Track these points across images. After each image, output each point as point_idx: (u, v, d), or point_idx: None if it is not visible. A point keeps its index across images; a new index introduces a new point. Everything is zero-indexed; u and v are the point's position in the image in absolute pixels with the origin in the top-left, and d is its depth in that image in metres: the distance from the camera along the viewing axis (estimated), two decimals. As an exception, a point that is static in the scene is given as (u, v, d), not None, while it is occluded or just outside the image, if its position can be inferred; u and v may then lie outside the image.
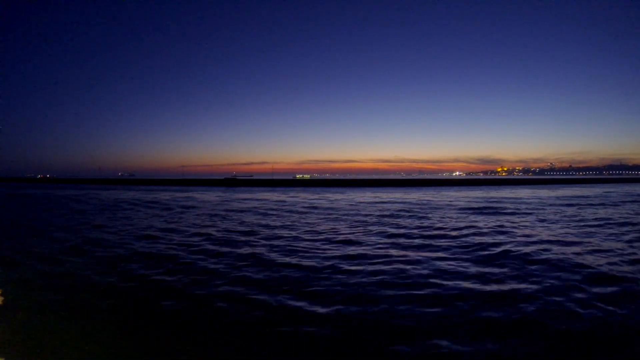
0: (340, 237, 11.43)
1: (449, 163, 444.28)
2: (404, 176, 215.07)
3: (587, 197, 30.52)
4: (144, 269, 7.86)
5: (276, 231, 12.70)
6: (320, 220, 15.55)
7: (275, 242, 10.68)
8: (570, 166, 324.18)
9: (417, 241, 10.63)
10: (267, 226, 13.91)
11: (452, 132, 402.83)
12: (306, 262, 8.27)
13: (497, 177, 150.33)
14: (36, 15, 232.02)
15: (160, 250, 9.61)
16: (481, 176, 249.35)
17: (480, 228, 12.91)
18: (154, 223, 15.02)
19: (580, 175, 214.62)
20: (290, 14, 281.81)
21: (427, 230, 12.58)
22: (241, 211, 19.79)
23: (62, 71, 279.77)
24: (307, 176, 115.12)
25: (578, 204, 23.10)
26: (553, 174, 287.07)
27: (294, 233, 12.21)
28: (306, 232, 12.59)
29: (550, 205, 22.65)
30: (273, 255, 8.98)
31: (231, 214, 18.45)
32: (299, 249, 9.78)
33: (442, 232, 12.25)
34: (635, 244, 10.05)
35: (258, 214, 18.13)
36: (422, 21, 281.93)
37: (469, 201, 25.96)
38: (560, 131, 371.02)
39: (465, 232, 12.14)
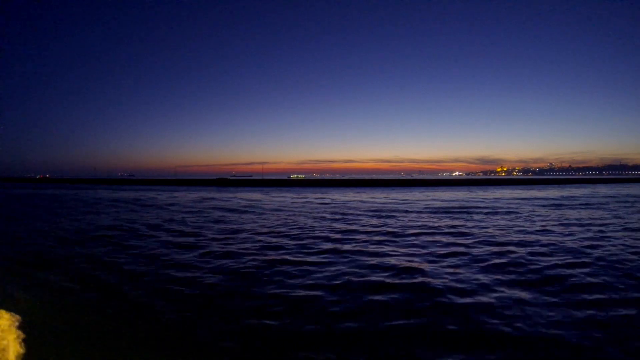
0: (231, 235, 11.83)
1: (449, 163, 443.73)
2: (403, 176, 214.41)
3: (575, 197, 30.02)
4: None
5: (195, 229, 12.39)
6: (250, 219, 15.33)
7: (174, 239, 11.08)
8: (569, 166, 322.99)
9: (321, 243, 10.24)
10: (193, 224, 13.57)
11: (452, 132, 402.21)
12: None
13: (495, 177, 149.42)
14: (36, 16, 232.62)
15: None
16: (481, 176, 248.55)
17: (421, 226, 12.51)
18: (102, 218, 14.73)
19: (579, 176, 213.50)
20: (291, 14, 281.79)
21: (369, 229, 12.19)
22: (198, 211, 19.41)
23: (62, 71, 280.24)
24: (301, 176, 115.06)
25: (560, 204, 22.62)
26: (552, 174, 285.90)
27: (203, 231, 12.17)
28: (218, 230, 12.83)
29: (524, 205, 22.19)
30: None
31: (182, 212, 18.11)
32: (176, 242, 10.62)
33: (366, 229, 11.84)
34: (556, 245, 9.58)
35: (217, 212, 17.78)
36: (422, 21, 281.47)
37: (445, 201, 25.52)
38: (560, 131, 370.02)
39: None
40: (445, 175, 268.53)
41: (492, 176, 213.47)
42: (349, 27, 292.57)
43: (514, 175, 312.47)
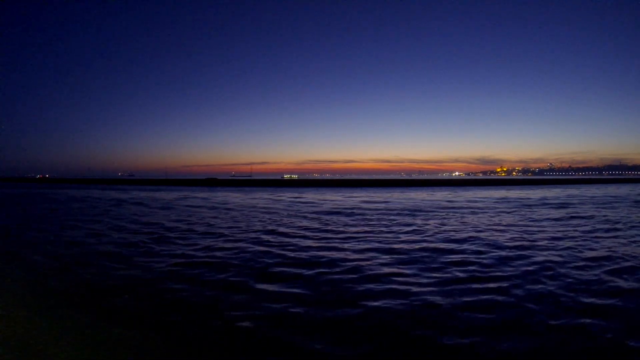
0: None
1: (449, 163, 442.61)
2: (403, 176, 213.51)
3: (557, 197, 29.17)
4: None
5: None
6: (206, 217, 14.52)
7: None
8: (569, 166, 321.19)
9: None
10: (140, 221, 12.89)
11: (453, 132, 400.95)
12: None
13: (494, 177, 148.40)
14: (36, 16, 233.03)
15: None
16: (480, 176, 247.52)
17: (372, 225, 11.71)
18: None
19: (579, 176, 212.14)
20: (291, 14, 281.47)
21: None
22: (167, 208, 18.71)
23: (62, 71, 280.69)
24: (294, 176, 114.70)
25: (534, 205, 21.78)
26: (552, 174, 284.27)
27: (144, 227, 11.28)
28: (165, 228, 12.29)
29: (499, 206, 21.35)
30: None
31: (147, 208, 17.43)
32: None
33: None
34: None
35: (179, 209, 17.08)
36: (422, 21, 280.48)
37: (416, 202, 24.72)
38: (560, 131, 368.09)
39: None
40: (445, 176, 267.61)
41: (492, 176, 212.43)
42: (349, 28, 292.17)
43: (514, 175, 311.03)
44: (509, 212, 17.91)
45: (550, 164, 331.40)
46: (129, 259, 8.21)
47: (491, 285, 6.24)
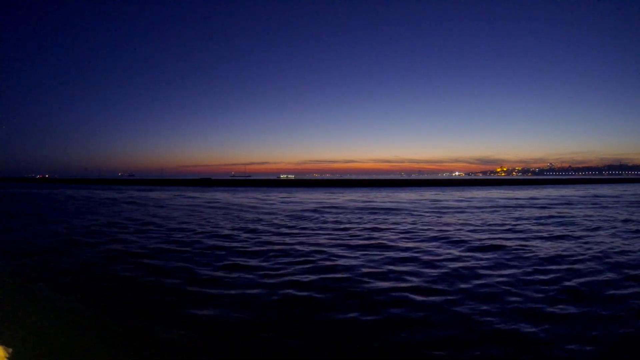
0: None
1: (449, 163, 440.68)
2: (403, 176, 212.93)
3: (537, 198, 29.20)
4: None
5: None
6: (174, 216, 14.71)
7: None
8: (569, 166, 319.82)
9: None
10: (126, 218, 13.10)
11: (453, 132, 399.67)
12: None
13: (492, 177, 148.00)
14: (36, 16, 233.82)
15: None
16: (480, 176, 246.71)
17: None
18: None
19: (578, 176, 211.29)
20: (291, 15, 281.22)
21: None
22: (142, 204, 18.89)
23: (62, 71, 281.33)
24: (291, 176, 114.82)
25: (515, 206, 21.83)
26: (552, 174, 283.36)
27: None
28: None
29: (474, 206, 21.40)
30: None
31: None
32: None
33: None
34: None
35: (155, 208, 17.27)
36: (422, 22, 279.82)
37: (396, 202, 24.79)
38: (560, 131, 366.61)
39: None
40: (445, 176, 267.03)
41: (491, 176, 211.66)
42: (349, 28, 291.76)
43: (514, 175, 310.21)
44: (477, 212, 17.98)
45: (550, 164, 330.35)
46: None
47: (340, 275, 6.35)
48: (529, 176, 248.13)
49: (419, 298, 5.64)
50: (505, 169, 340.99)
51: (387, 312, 5.11)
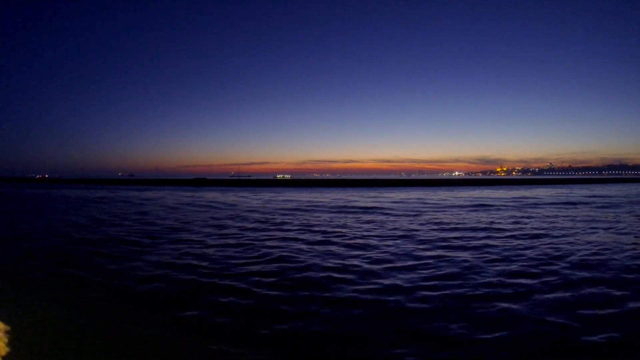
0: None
1: (449, 163, 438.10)
2: (403, 176, 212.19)
3: (526, 198, 28.90)
4: None
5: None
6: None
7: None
8: (569, 166, 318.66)
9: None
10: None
11: (453, 132, 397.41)
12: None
13: (489, 177, 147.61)
14: (36, 15, 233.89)
15: None
16: (480, 176, 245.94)
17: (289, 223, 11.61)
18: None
19: (578, 175, 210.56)
20: (291, 14, 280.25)
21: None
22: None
23: (62, 71, 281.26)
24: (287, 176, 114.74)
25: (494, 206, 21.55)
26: (551, 174, 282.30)
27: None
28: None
29: (454, 206, 21.12)
30: None
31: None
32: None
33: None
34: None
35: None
36: (422, 22, 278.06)
37: (379, 201, 24.53)
38: (561, 131, 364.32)
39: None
40: (445, 175, 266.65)
41: (491, 176, 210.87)
42: (349, 28, 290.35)
43: (513, 175, 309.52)
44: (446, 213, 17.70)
45: (550, 163, 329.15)
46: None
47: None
48: (529, 176, 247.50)
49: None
50: (505, 169, 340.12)
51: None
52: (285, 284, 6.31)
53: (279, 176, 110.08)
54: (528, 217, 15.63)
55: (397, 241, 10.16)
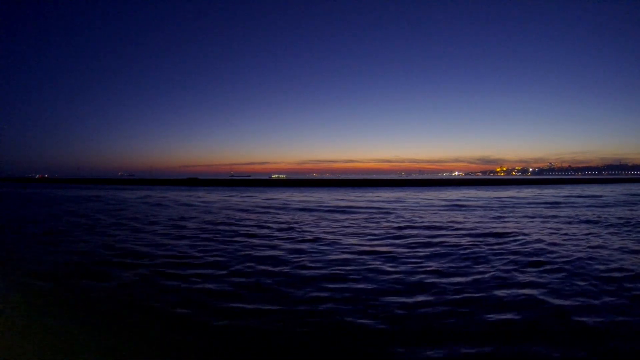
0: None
1: (449, 163, 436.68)
2: (403, 176, 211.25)
3: (512, 198, 28.45)
4: None
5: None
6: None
7: None
8: (569, 166, 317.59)
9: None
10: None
11: (453, 132, 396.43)
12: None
13: (488, 177, 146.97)
14: (36, 15, 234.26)
15: None
16: (480, 176, 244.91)
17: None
18: None
19: (577, 175, 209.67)
20: (291, 14, 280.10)
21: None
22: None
23: (61, 71, 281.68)
24: (282, 176, 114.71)
25: (470, 206, 21.13)
26: (551, 174, 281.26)
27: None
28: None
29: (435, 206, 20.70)
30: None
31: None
32: None
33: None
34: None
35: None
36: (422, 22, 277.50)
37: (354, 201, 24.14)
38: (561, 131, 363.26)
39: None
40: (445, 175, 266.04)
41: (489, 176, 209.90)
42: (349, 28, 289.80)
43: (513, 175, 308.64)
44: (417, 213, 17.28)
45: (550, 163, 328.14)
46: None
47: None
48: (528, 176, 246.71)
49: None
50: (504, 169, 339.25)
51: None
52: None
53: (274, 176, 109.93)
54: (494, 217, 15.22)
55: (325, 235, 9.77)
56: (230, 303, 5.19)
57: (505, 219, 14.76)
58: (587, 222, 13.80)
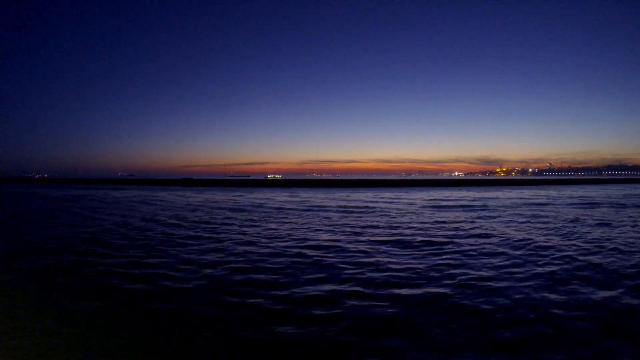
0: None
1: (450, 163, 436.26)
2: (403, 176, 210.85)
3: (497, 199, 28.58)
4: None
5: None
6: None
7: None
8: (569, 166, 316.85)
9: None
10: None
11: (454, 132, 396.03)
12: None
13: (483, 178, 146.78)
14: (36, 16, 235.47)
15: None
16: (479, 177, 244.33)
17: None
18: None
19: (577, 176, 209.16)
20: (291, 14, 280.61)
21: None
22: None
23: (61, 71, 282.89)
24: (278, 176, 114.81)
25: (449, 206, 21.32)
26: (550, 175, 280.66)
27: None
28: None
29: (418, 207, 20.90)
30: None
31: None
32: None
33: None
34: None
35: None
36: (422, 22, 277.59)
37: (323, 201, 24.36)
38: (561, 132, 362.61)
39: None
40: (445, 176, 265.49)
41: (490, 176, 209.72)
42: (349, 28, 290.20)
43: (513, 175, 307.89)
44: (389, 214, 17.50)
45: (550, 164, 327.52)
46: None
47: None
48: (527, 176, 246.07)
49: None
50: (504, 169, 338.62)
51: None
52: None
53: (270, 176, 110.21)
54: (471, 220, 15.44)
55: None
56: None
57: (445, 219, 14.97)
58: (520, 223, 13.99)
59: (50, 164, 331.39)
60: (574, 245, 9.53)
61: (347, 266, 7.47)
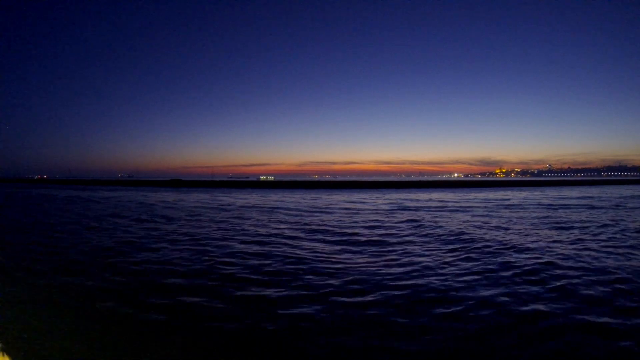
0: None
1: (450, 164, 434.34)
2: (403, 178, 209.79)
3: (490, 200, 27.44)
4: None
5: None
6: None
7: None
8: (569, 167, 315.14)
9: None
10: None
11: (454, 133, 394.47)
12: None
13: (481, 179, 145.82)
14: (36, 16, 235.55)
15: None
16: (479, 178, 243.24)
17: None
18: None
19: (576, 177, 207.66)
20: (290, 16, 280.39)
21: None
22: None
23: (63, 72, 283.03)
24: (271, 178, 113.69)
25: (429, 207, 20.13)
26: (550, 176, 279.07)
27: None
28: None
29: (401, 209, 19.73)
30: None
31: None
32: None
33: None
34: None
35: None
36: (422, 23, 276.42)
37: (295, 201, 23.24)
38: (561, 132, 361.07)
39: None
40: (444, 177, 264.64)
41: (490, 178, 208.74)
42: (349, 29, 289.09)
43: (512, 176, 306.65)
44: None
45: (550, 165, 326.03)
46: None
47: None
48: (527, 177, 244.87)
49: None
50: (504, 170, 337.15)
51: None
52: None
53: (262, 177, 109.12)
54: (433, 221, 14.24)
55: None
56: None
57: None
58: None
59: (50, 165, 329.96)
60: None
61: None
